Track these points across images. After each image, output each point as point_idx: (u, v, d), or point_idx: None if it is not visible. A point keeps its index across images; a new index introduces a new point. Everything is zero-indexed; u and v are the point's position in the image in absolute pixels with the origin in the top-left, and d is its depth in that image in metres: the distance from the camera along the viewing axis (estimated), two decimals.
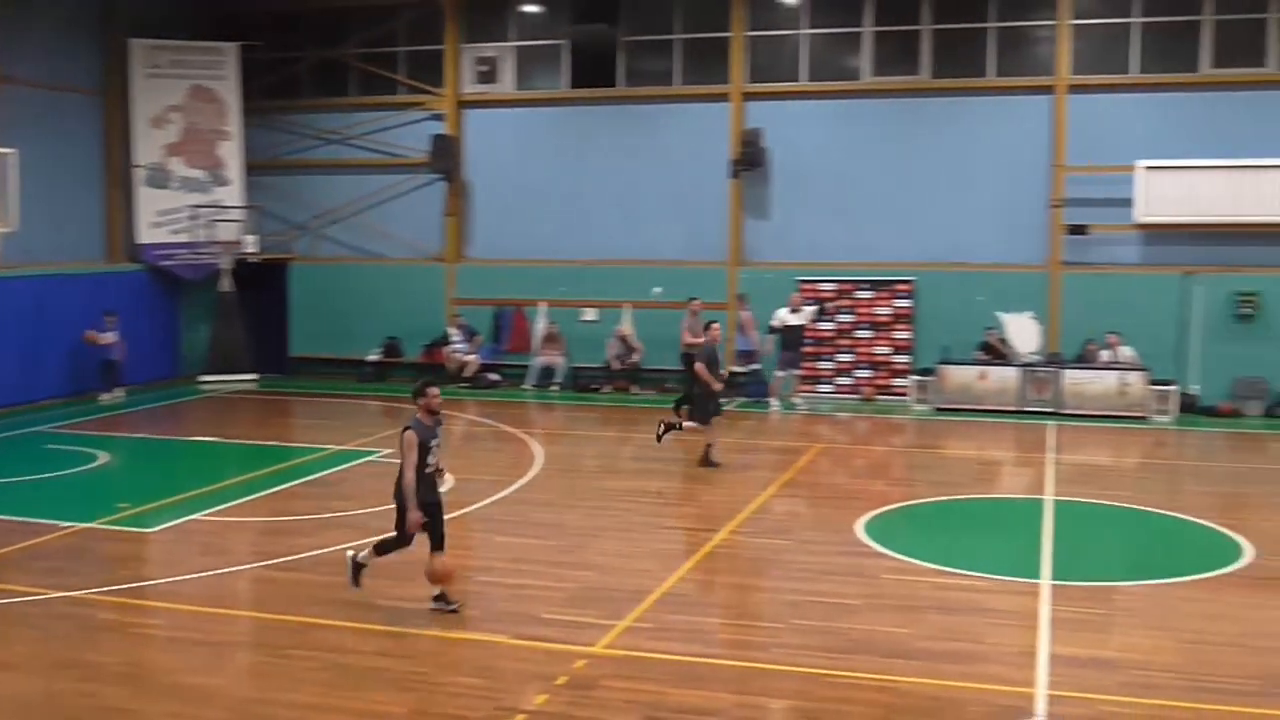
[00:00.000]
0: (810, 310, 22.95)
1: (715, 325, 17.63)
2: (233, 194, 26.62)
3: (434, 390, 10.40)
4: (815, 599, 10.92)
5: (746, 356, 23.22)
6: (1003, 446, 19.76)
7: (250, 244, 26.40)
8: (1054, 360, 22.49)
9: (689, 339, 20.59)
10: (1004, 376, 22.24)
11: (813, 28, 24.47)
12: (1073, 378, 21.97)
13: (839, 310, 24.13)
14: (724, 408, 17.53)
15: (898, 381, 23.78)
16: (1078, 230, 22.69)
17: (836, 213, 24.22)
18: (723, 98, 24.79)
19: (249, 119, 26.93)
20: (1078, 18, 22.95)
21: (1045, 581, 11.44)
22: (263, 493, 15.21)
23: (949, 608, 10.75)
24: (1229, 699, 8.66)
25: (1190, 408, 21.94)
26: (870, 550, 12.62)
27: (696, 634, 10.01)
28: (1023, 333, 22.65)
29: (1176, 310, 22.35)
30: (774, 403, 22.65)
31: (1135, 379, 21.73)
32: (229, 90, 26.58)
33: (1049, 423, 21.10)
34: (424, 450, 10.15)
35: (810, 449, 18.78)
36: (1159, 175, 21.94)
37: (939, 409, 22.36)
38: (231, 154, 26.72)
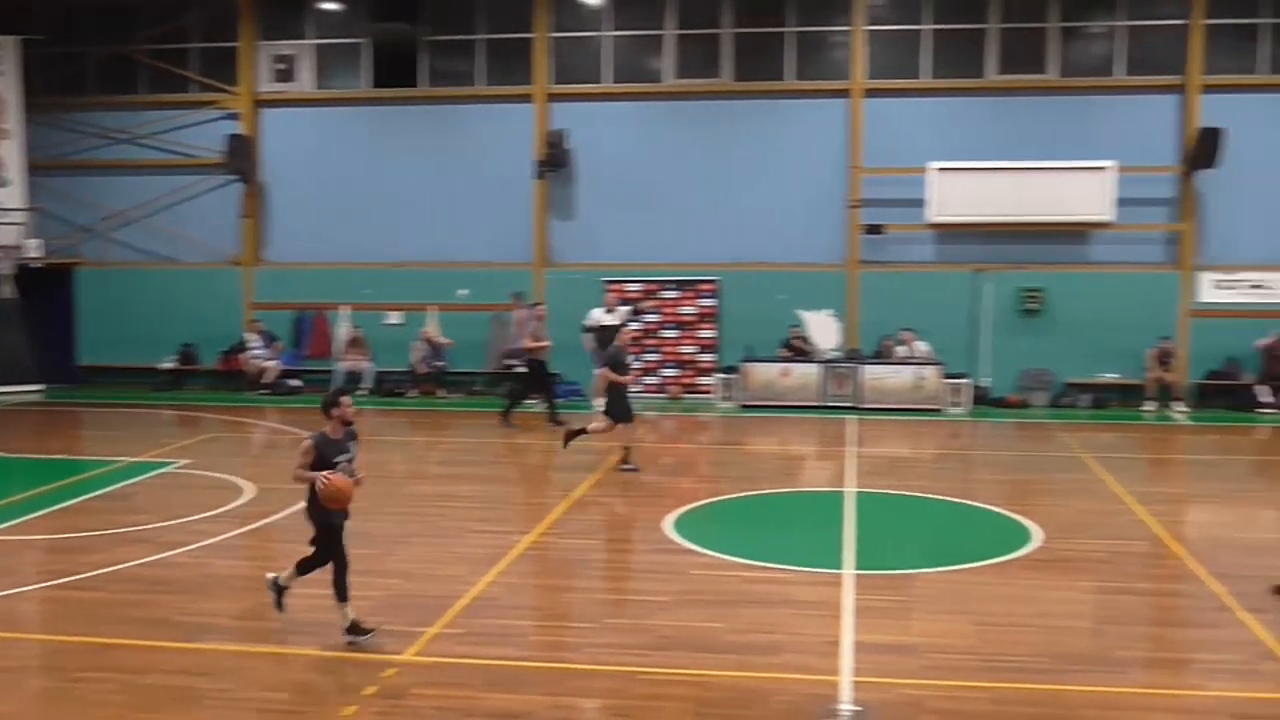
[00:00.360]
0: (624, 310, 23.09)
1: (627, 328, 17.90)
2: (13, 195, 25.36)
3: (347, 400, 9.84)
4: (626, 597, 10.96)
5: (515, 355, 23.38)
6: (806, 441, 20.23)
7: (33, 248, 25.22)
8: (853, 356, 23.14)
9: (530, 343, 20.50)
10: (806, 373, 22.77)
11: (616, 30, 24.63)
12: (871, 373, 22.63)
13: (644, 311, 24.33)
14: (633, 412, 17.46)
15: (703, 380, 24.11)
16: (874, 230, 23.38)
17: (642, 213, 24.42)
18: (526, 99, 24.74)
19: (31, 116, 25.70)
20: (872, 24, 23.65)
21: (848, 571, 11.72)
22: (50, 509, 14.49)
23: (757, 601, 10.91)
24: (1022, 677, 9.01)
25: (982, 399, 22.85)
26: (679, 547, 12.74)
27: (508, 637, 9.93)
28: (823, 330, 23.24)
29: (968, 306, 23.24)
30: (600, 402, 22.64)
31: (930, 373, 22.51)
32: (8, 86, 25.33)
33: (849, 417, 21.69)
34: (323, 465, 9.59)
35: (618, 448, 18.86)
36: (949, 177, 22.78)
37: (744, 406, 22.77)
38: (11, 153, 25.46)
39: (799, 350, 23.22)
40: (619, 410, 16.95)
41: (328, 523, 9.67)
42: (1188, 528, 14.33)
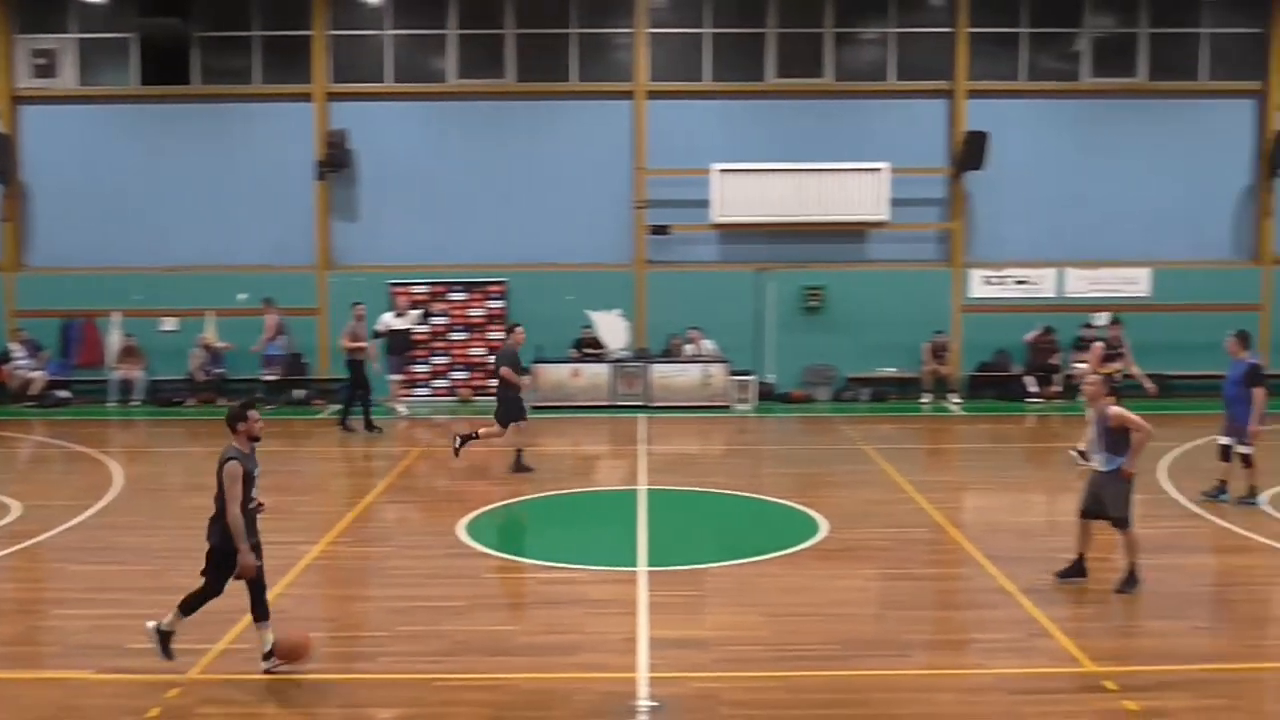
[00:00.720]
0: (415, 314, 22.73)
1: (519, 329, 17.54)
2: None
3: (255, 414, 9.19)
4: (420, 604, 10.76)
5: (273, 361, 22.98)
6: (598, 441, 20.31)
7: None
8: (642, 356, 23.33)
9: (348, 344, 19.95)
10: (596, 373, 22.86)
11: (397, 28, 24.24)
12: (660, 372, 22.87)
13: (432, 314, 24.02)
14: (527, 413, 17.21)
15: (494, 382, 23.87)
16: (660, 230, 23.62)
17: (427, 215, 24.11)
18: (305, 98, 24.12)
19: None
20: (654, 27, 23.89)
21: (642, 569, 11.78)
22: None
23: (552, 601, 10.87)
24: (813, 664, 9.21)
25: (768, 395, 23.34)
26: (473, 551, 12.59)
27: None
28: (612, 330, 23.38)
29: (752, 305, 23.71)
30: (400, 408, 22.20)
31: (717, 370, 22.88)
32: None
33: (640, 415, 21.86)
34: (249, 482, 9.10)
35: (410, 453, 18.58)
36: (732, 178, 23.18)
37: (535, 407, 22.65)
38: None
39: (591, 350, 23.29)
40: (513, 411, 16.76)
41: (230, 549, 9.05)
42: (965, 514, 14.91)
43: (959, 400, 23.42)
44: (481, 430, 17.17)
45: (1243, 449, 14.61)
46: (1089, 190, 23.98)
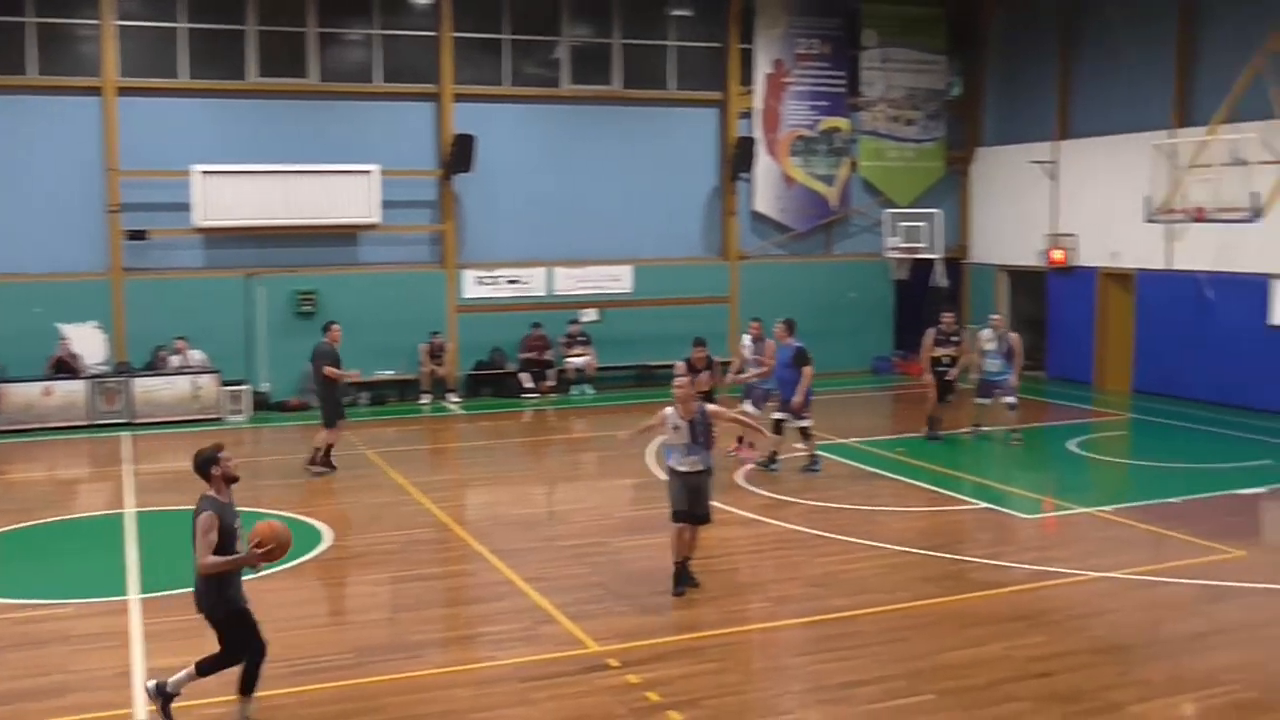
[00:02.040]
0: None
1: (336, 326, 17.47)
2: None
3: (226, 454, 8.20)
4: None
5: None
6: (76, 464, 18.82)
7: None
8: (123, 369, 21.86)
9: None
10: (71, 390, 21.15)
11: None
12: (144, 385, 21.52)
13: None
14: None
15: None
16: (137, 235, 22.20)
17: None
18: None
19: None
20: (123, 19, 22.40)
21: (134, 597, 11.05)
22: None
23: (32, 642, 9.95)
24: (326, 676, 9.00)
25: (263, 404, 22.55)
26: None
27: None
28: (88, 343, 21.73)
29: (243, 311, 22.83)
30: None
31: (207, 381, 21.84)
32: None
33: (124, 433, 20.48)
34: (228, 534, 7.95)
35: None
36: (216, 180, 22.20)
37: (1, 431, 20.69)
38: None
39: (69, 367, 21.48)
40: (332, 411, 16.94)
41: (238, 608, 8.11)
42: (468, 510, 15.12)
43: (458, 399, 23.71)
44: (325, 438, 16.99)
45: (801, 423, 16.36)
46: (574, 192, 24.99)
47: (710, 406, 11.64)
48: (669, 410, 11.22)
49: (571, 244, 25.07)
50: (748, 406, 17.26)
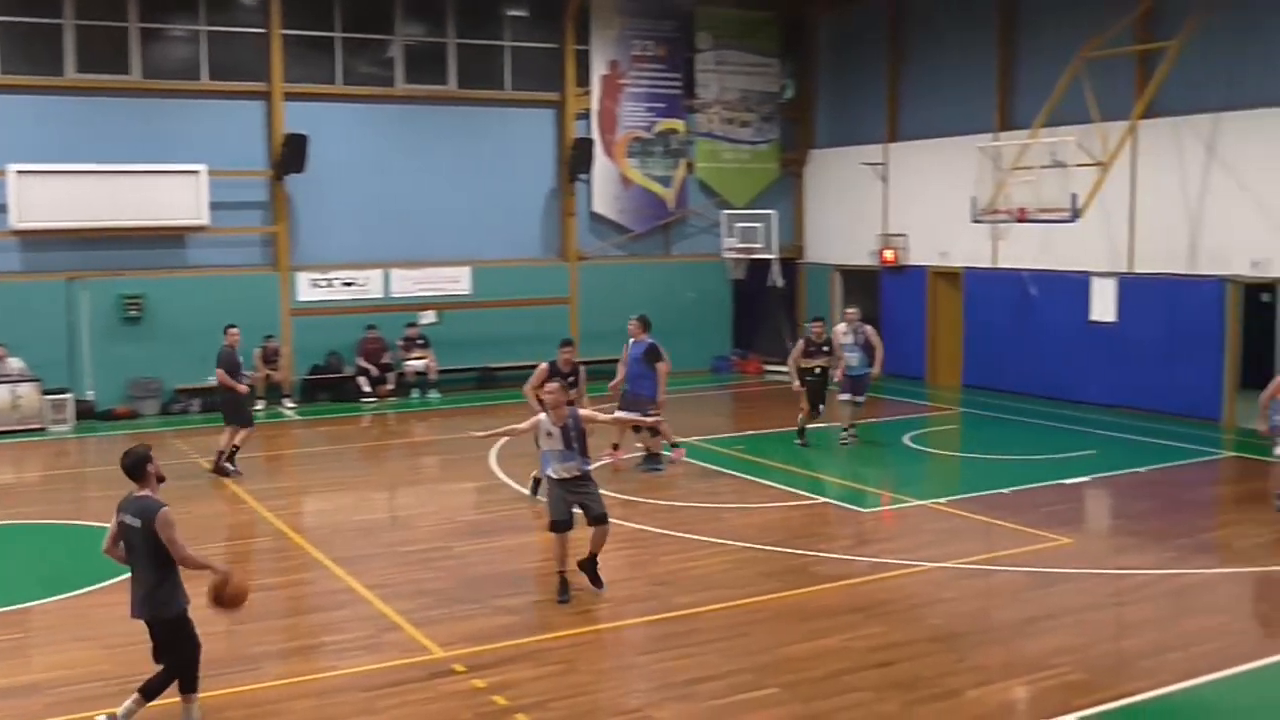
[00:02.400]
0: None
1: (234, 330, 17.44)
2: None
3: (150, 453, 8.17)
4: None
5: None
6: None
7: None
8: None
9: None
10: None
11: None
12: None
13: None
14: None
15: None
16: None
17: None
18: None
19: None
20: None
21: None
22: None
23: None
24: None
25: (88, 413, 21.72)
26: None
27: None
28: None
29: (65, 317, 21.95)
30: None
31: (27, 390, 20.94)
32: None
33: None
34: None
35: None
36: (32, 180, 21.30)
37: None
38: None
39: None
40: (239, 414, 16.98)
41: (185, 607, 8.11)
42: (307, 518, 14.81)
43: (294, 405, 23.20)
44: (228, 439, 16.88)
45: (650, 419, 15.93)
46: (410, 193, 24.67)
47: (583, 411, 11.52)
48: (542, 416, 11.13)
49: (408, 245, 24.76)
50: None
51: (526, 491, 15.19)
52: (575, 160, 25.73)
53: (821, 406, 18.31)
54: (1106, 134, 19.55)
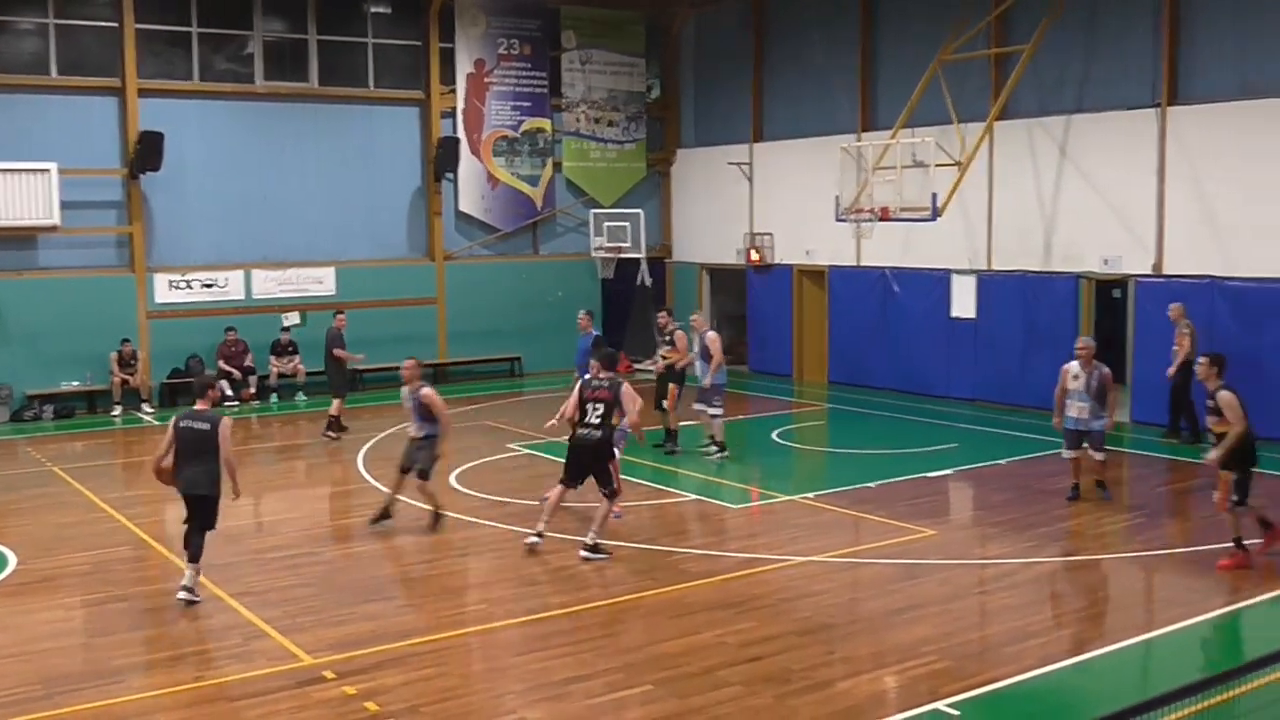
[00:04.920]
0: None
1: (342, 315, 19.97)
2: None
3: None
4: None
5: None
6: None
7: None
8: None
9: None
10: None
11: None
12: None
13: None
14: None
15: None
16: None
17: None
18: None
19: None
20: None
21: None
22: None
23: None
24: (15, 710, 8.39)
25: None
26: None
27: None
28: None
29: None
30: None
31: None
32: None
33: None
34: None
35: None
36: None
37: None
38: None
39: None
40: (342, 383, 19.10)
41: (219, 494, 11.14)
42: (168, 526, 14.33)
43: (153, 410, 22.54)
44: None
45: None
46: (272, 192, 24.18)
47: (425, 391, 13.41)
48: (405, 389, 13.57)
49: (270, 246, 24.27)
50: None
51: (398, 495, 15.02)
52: (441, 159, 25.49)
53: (664, 403, 17.72)
54: (965, 135, 20.03)
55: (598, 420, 12.50)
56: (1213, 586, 11.23)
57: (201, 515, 10.95)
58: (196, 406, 11.08)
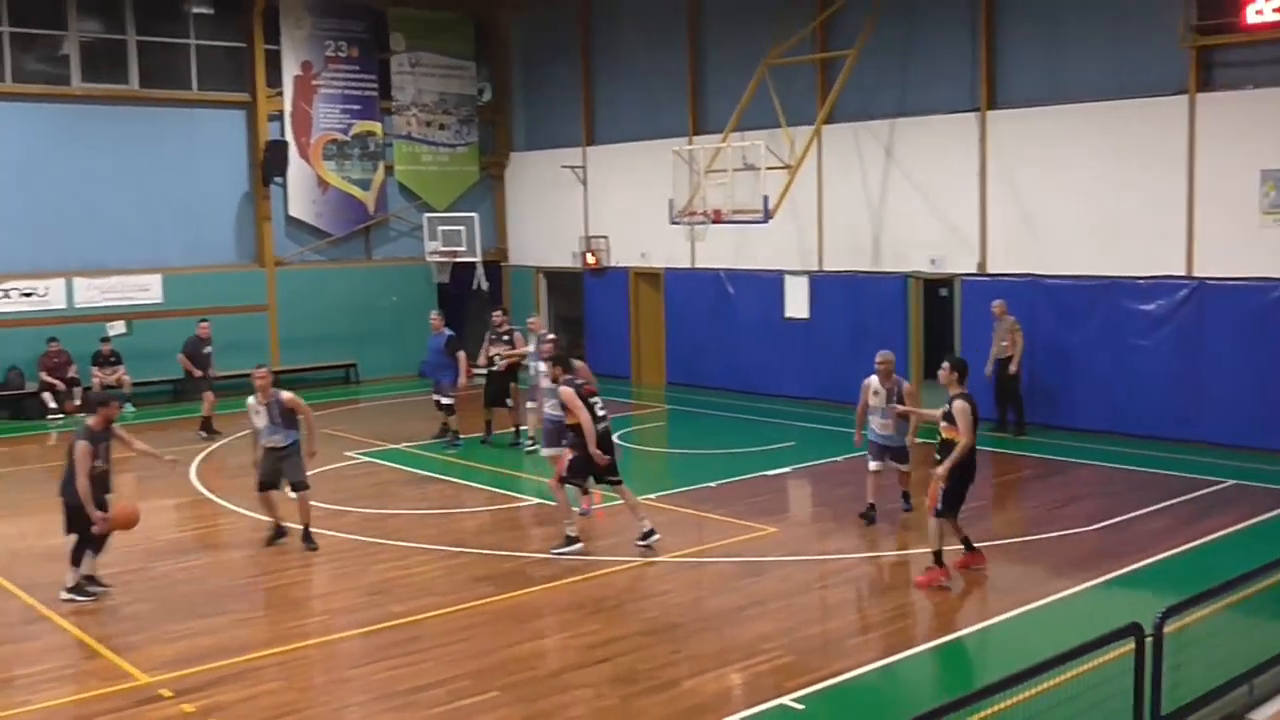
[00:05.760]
0: None
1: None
2: None
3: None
4: None
5: None
6: None
7: None
8: None
9: None
10: None
11: None
12: None
13: None
14: None
15: None
16: None
17: None
18: None
19: None
20: None
21: None
22: None
23: None
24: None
25: None
26: None
27: None
28: None
29: None
30: None
31: None
32: None
33: None
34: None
35: None
36: None
37: None
38: None
39: None
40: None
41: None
42: None
43: None
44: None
45: (446, 400, 18.41)
46: (92, 198, 23.33)
47: (285, 395, 12.83)
48: (251, 399, 12.88)
49: (92, 253, 23.43)
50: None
51: (231, 505, 14.67)
52: (269, 163, 24.94)
53: (509, 400, 18.41)
54: (794, 138, 20.41)
55: (604, 411, 13.10)
56: (1045, 574, 11.65)
57: (72, 520, 11.34)
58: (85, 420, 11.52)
